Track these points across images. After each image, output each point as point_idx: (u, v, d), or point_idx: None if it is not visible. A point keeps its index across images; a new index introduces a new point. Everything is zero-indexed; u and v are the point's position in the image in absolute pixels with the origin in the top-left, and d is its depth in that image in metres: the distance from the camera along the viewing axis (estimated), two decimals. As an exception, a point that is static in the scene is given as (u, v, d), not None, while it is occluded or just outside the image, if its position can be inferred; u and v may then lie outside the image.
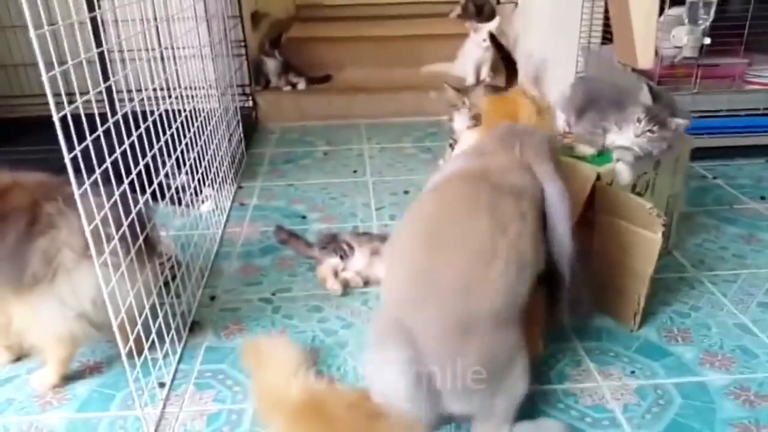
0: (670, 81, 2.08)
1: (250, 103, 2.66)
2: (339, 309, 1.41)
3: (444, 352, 0.95)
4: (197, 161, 1.62)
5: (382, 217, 1.87)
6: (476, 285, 0.97)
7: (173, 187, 1.45)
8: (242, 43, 2.57)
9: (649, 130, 1.24)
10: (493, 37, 2.65)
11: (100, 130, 1.00)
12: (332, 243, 1.55)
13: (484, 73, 2.90)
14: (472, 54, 2.88)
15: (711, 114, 2.09)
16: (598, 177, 1.31)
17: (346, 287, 1.47)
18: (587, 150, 1.39)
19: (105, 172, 0.99)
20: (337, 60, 3.17)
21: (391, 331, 0.98)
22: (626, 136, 1.28)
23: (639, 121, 1.26)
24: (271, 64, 2.88)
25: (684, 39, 1.95)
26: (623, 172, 1.30)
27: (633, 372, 1.19)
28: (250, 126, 2.55)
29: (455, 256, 0.99)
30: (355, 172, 2.23)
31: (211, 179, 1.76)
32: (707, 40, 1.95)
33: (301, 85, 2.93)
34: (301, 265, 1.60)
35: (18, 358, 1.26)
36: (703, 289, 1.45)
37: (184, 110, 1.54)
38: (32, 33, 0.80)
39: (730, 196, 1.94)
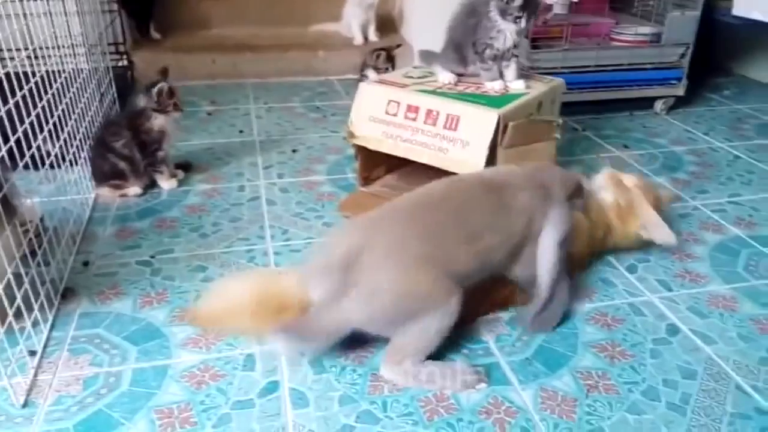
0: (544, 39, 2.18)
1: (125, 62, 2.49)
2: (223, 267, 1.39)
3: (373, 276, 1.01)
4: (60, 124, 1.50)
5: (270, 175, 1.84)
6: (442, 243, 1.05)
7: (32, 150, 1.34)
8: (113, -2, 2.39)
9: (517, 17, 1.42)
10: None
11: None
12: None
13: (371, 33, 2.90)
14: (355, 15, 2.87)
15: (581, 69, 2.23)
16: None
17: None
18: (495, 86, 1.52)
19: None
20: (222, 17, 3.04)
21: (337, 261, 1.03)
22: (507, 34, 1.44)
23: (504, 12, 1.44)
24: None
25: (554, -4, 2.06)
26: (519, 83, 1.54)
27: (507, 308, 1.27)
28: (126, 86, 2.40)
29: (446, 214, 1.09)
30: (241, 132, 2.17)
31: (79, 142, 1.65)
32: (574, -2, 2.07)
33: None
34: (183, 226, 1.55)
35: None
36: (570, 230, 1.57)
37: (40, 70, 1.42)
38: None
39: (597, 146, 2.09)
